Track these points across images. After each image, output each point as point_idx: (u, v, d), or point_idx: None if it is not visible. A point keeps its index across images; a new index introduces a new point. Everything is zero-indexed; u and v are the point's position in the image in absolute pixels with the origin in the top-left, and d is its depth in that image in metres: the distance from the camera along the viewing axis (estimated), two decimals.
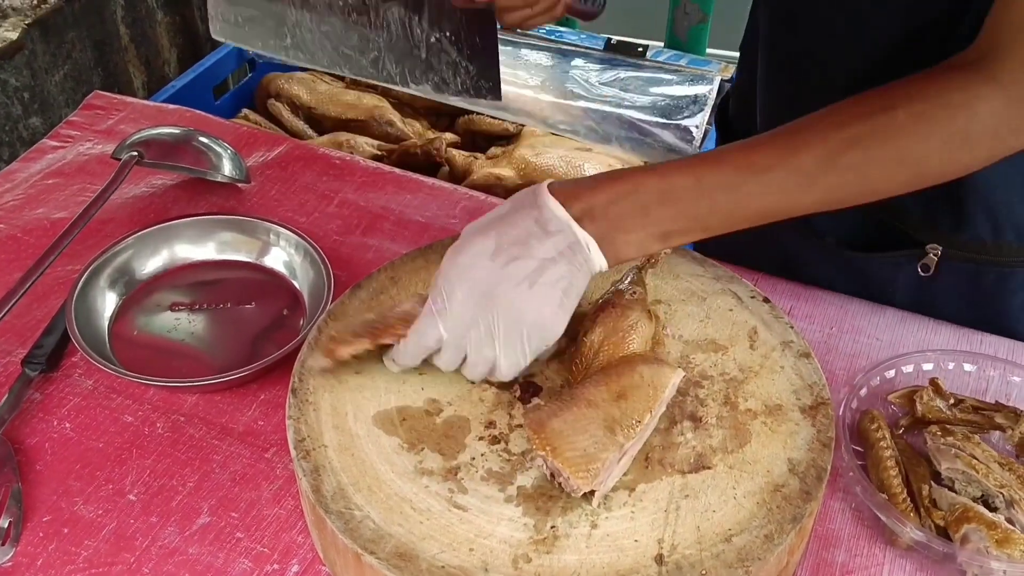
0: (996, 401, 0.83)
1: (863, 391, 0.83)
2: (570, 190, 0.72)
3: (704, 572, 0.64)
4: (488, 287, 0.71)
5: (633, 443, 0.70)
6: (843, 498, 0.79)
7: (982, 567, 0.70)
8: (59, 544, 0.76)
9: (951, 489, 0.75)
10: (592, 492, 0.68)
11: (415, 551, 0.65)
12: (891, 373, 0.86)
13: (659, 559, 0.65)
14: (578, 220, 0.71)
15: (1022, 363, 0.87)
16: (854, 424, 0.82)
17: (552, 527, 0.67)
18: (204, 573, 0.74)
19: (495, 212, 0.75)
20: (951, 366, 0.86)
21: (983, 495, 0.74)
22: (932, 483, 0.76)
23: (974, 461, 0.75)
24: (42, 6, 1.55)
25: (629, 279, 0.81)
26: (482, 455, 0.72)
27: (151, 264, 0.98)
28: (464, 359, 0.74)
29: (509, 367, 0.73)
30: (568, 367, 0.78)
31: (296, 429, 0.73)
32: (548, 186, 0.73)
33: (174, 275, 0.98)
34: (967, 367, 0.86)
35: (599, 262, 0.72)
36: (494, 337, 0.72)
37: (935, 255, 0.92)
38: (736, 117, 1.09)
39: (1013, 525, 0.72)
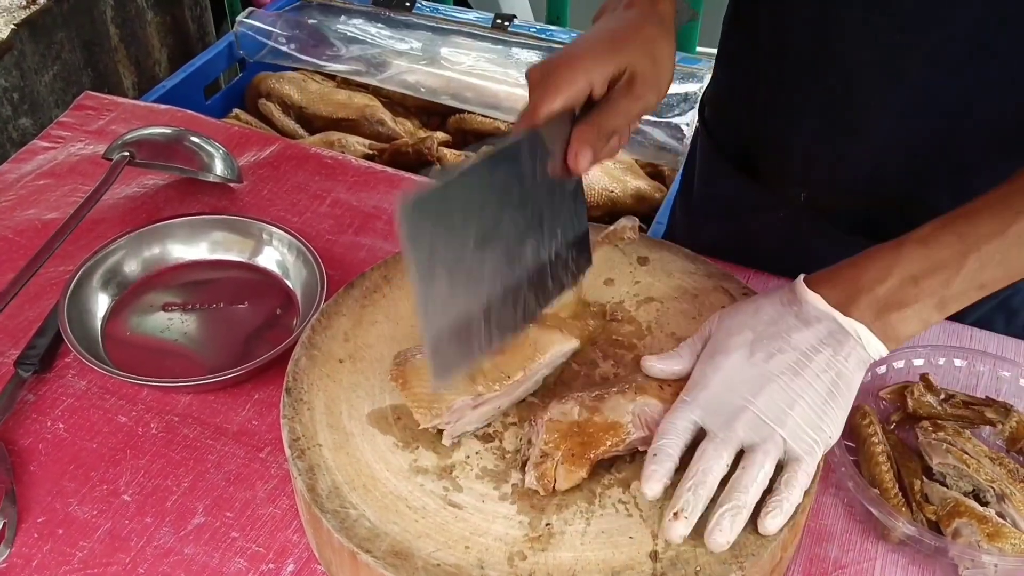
0: (986, 396, 0.84)
1: None
2: (828, 279, 0.71)
3: (698, 569, 0.65)
4: (751, 381, 0.68)
5: (497, 396, 0.72)
6: (835, 493, 0.80)
7: (974, 561, 0.71)
8: (54, 545, 0.75)
9: (942, 484, 0.76)
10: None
11: (411, 549, 0.65)
12: (882, 369, 0.86)
13: (653, 555, 0.65)
14: (842, 308, 0.69)
15: (1011, 358, 0.88)
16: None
17: (547, 524, 0.67)
18: (200, 573, 0.74)
19: (748, 307, 0.73)
20: (941, 361, 0.87)
21: (974, 489, 0.75)
22: (924, 478, 0.77)
23: (965, 456, 0.75)
24: (31, 6, 1.55)
25: None
26: (476, 453, 0.72)
27: (143, 264, 0.97)
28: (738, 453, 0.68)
29: (810, 448, 0.68)
30: None
31: (291, 428, 0.73)
32: (804, 280, 0.72)
33: (167, 275, 0.98)
34: (957, 362, 0.87)
35: (875, 348, 0.69)
36: (764, 420, 0.67)
37: None
38: (716, 126, 1.08)
39: (1004, 519, 0.72)
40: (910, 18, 0.80)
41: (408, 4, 1.71)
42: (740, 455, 0.67)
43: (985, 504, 0.74)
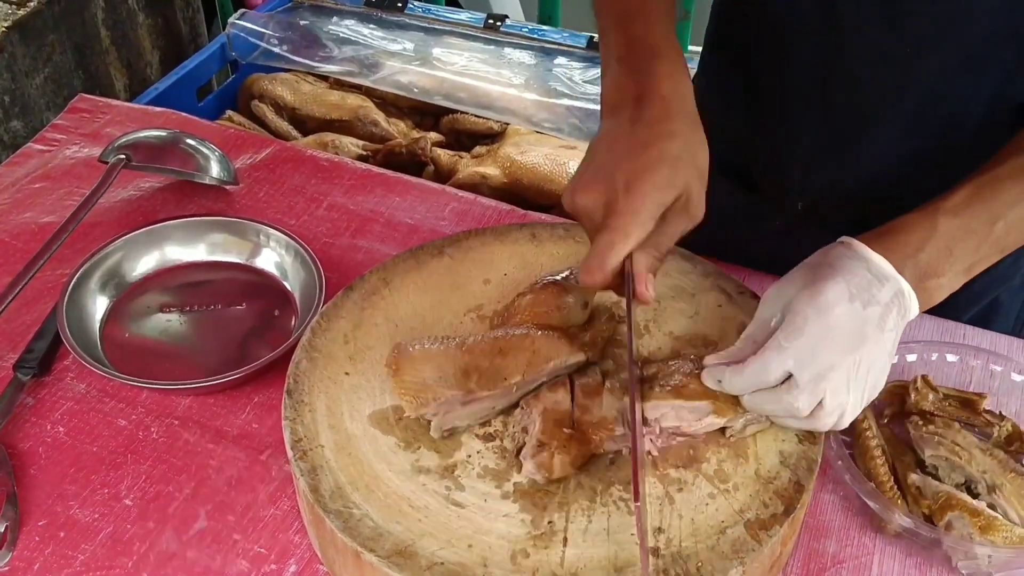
0: (977, 392, 0.85)
1: None
2: (878, 242, 0.72)
3: (699, 564, 0.65)
4: (854, 327, 0.68)
5: (491, 396, 0.72)
6: (833, 489, 0.81)
7: (967, 553, 0.72)
8: (56, 548, 0.76)
9: (935, 477, 0.77)
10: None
11: (414, 548, 0.66)
12: None
13: (655, 551, 0.66)
14: (896, 268, 0.71)
15: (1003, 353, 0.89)
16: None
17: (549, 522, 0.68)
18: (203, 575, 0.74)
19: (812, 260, 0.73)
20: (934, 357, 0.88)
21: (966, 481, 0.76)
22: (918, 471, 0.78)
23: (956, 448, 0.77)
24: (22, 8, 1.54)
25: None
26: (478, 452, 0.73)
27: (142, 266, 0.98)
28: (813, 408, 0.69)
29: (853, 414, 0.70)
30: None
31: (292, 430, 0.73)
32: (862, 241, 0.72)
33: (165, 277, 0.98)
34: (950, 358, 0.88)
35: (915, 310, 0.71)
36: (850, 379, 0.69)
37: None
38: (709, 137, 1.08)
39: (995, 509, 0.74)
40: (917, 35, 0.81)
41: (400, 5, 1.71)
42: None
43: (977, 495, 0.75)
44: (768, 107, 0.97)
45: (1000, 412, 0.83)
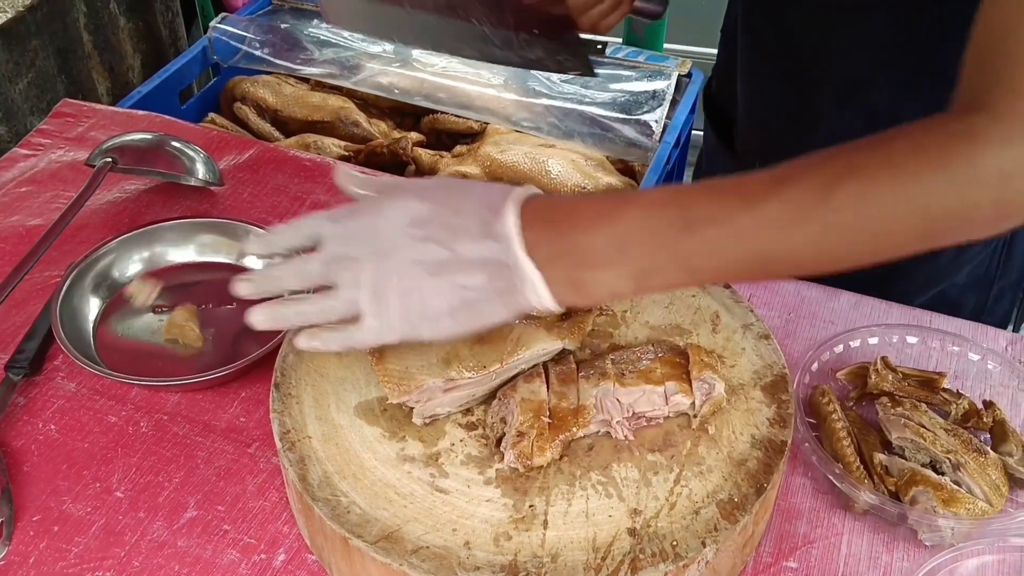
0: (937, 371, 0.88)
1: (814, 366, 0.88)
2: (544, 209, 0.64)
3: (675, 543, 0.68)
4: (387, 243, 0.65)
5: (470, 383, 0.74)
6: (803, 472, 0.84)
7: (930, 526, 0.75)
8: (50, 542, 0.78)
9: (901, 457, 0.80)
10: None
11: (400, 533, 0.68)
12: (839, 348, 0.90)
13: (632, 532, 0.69)
14: (533, 245, 0.63)
15: (964, 335, 0.92)
16: (806, 399, 0.86)
17: (530, 506, 0.71)
18: (193, 565, 0.76)
19: (453, 183, 0.69)
20: (895, 339, 0.91)
21: (931, 461, 0.79)
22: (884, 451, 0.81)
23: (922, 429, 0.80)
24: (3, 14, 1.55)
25: None
26: (461, 441, 0.75)
27: (133, 267, 0.99)
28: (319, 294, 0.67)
29: (371, 329, 0.66)
30: None
31: (280, 422, 0.76)
32: (527, 196, 0.65)
33: (156, 277, 1.00)
34: (910, 339, 0.91)
35: (538, 300, 0.64)
36: (364, 285, 0.65)
37: None
38: (719, 95, 1.12)
39: (960, 487, 0.77)
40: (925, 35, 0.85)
41: None
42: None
43: (942, 474, 0.78)
44: (743, 75, 1.01)
45: (958, 391, 0.86)
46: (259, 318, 0.71)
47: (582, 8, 0.92)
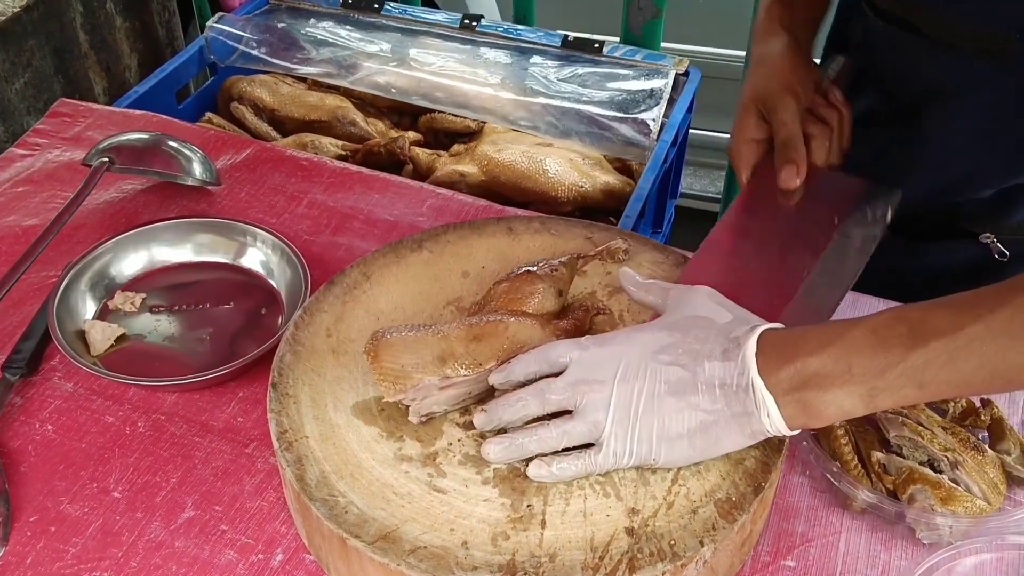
0: None
1: None
2: (777, 337, 0.68)
3: (672, 542, 0.68)
4: (633, 367, 0.69)
5: (466, 381, 0.75)
6: (801, 471, 0.83)
7: (928, 524, 0.75)
8: (47, 542, 0.77)
9: (899, 455, 0.80)
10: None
11: (398, 533, 0.68)
12: None
13: (630, 531, 0.69)
14: (765, 369, 0.66)
15: None
16: None
17: (528, 505, 0.71)
18: (191, 565, 0.76)
19: (709, 312, 0.72)
20: None
21: (929, 459, 0.79)
22: (882, 450, 0.81)
23: (919, 428, 0.80)
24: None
25: (562, 259, 0.85)
26: (459, 440, 0.75)
27: (130, 267, 0.99)
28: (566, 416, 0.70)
29: (613, 452, 0.69)
30: None
31: (278, 422, 0.76)
32: (767, 328, 0.69)
33: (153, 277, 1.00)
34: None
35: (770, 423, 0.67)
36: (609, 406, 0.69)
37: (988, 241, 0.96)
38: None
39: (958, 485, 0.77)
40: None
41: (376, 6, 1.73)
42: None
43: (940, 473, 0.78)
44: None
45: None
46: (496, 452, 0.72)
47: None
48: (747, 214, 0.91)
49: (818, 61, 1.02)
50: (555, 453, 0.71)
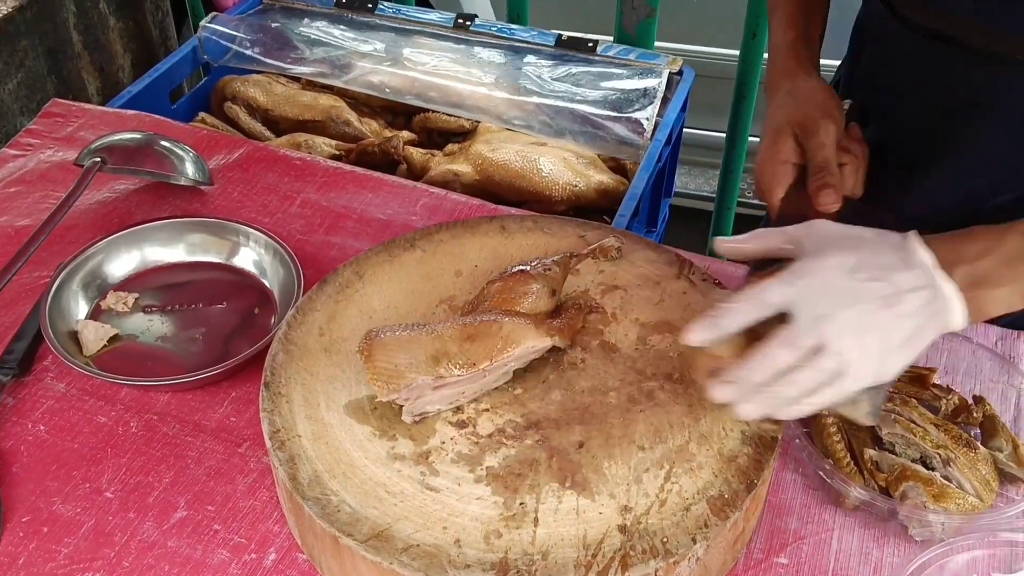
0: (927, 366, 0.88)
1: None
2: (934, 241, 0.72)
3: (665, 539, 0.68)
4: (846, 292, 0.68)
5: (460, 381, 0.75)
6: (794, 469, 0.84)
7: (921, 521, 0.75)
8: (39, 543, 0.77)
9: (892, 452, 0.80)
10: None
11: (390, 532, 0.68)
12: None
13: (622, 529, 0.69)
14: (943, 268, 0.71)
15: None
16: None
17: (521, 504, 0.70)
18: (183, 565, 0.76)
19: (851, 233, 0.73)
20: None
21: (922, 456, 0.79)
22: (875, 447, 0.81)
23: (912, 425, 0.80)
24: None
25: (555, 258, 0.85)
26: (451, 439, 0.75)
27: (122, 267, 0.99)
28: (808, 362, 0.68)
29: (860, 377, 0.69)
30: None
31: (270, 421, 0.75)
32: (916, 233, 0.73)
33: (145, 277, 1.00)
34: None
35: (958, 319, 0.71)
36: (849, 330, 0.67)
37: None
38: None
39: (950, 482, 0.77)
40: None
41: (370, 5, 1.73)
42: None
43: (932, 470, 0.78)
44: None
45: (948, 386, 0.86)
46: (753, 409, 0.70)
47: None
48: None
49: None
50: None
